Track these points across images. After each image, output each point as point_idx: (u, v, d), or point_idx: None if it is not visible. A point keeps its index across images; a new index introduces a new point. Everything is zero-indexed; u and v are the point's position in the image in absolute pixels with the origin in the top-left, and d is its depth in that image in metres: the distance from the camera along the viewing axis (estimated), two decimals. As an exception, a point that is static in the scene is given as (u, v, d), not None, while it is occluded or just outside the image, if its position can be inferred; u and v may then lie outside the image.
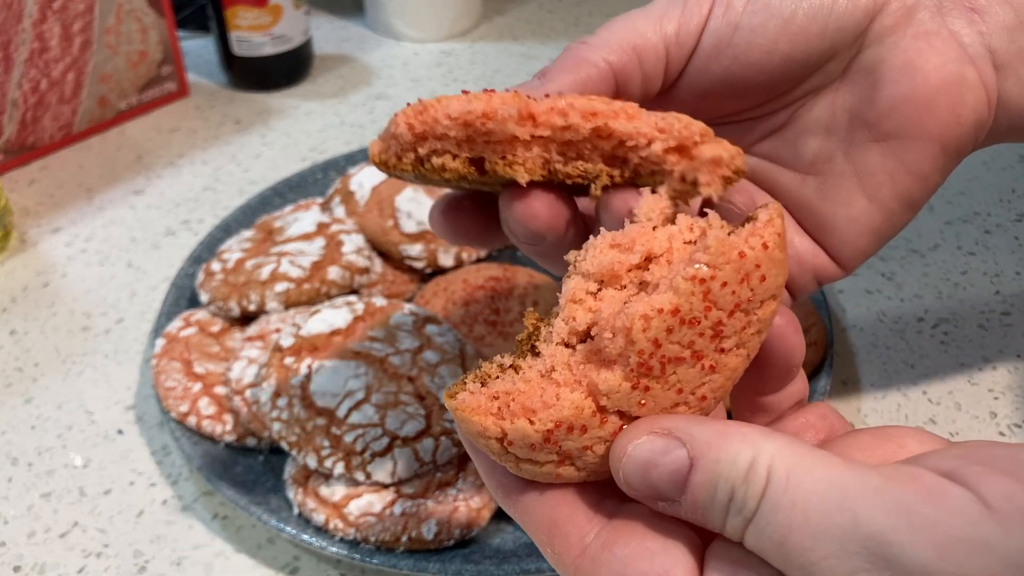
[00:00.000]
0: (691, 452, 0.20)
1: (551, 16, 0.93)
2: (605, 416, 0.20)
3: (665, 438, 0.20)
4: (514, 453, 0.21)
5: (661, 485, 0.20)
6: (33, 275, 0.61)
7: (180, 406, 0.47)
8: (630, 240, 0.22)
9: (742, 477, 0.19)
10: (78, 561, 0.44)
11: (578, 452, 0.21)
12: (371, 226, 0.56)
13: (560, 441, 0.20)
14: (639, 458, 0.20)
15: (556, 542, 0.21)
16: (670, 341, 0.20)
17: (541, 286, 0.54)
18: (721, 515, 0.20)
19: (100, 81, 0.72)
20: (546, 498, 0.22)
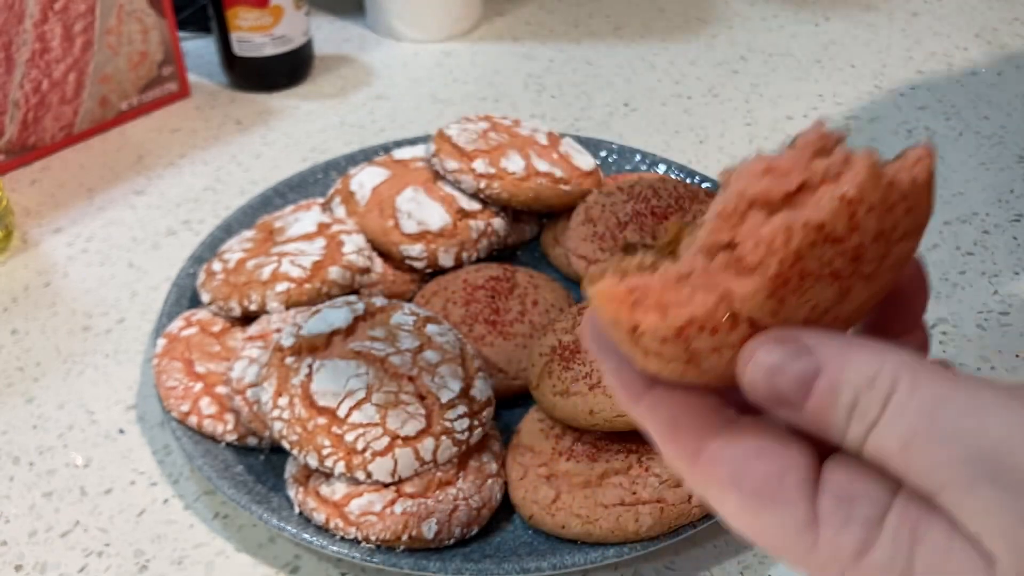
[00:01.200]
0: (819, 359, 0.20)
1: (551, 17, 0.93)
2: (736, 322, 0.21)
3: (794, 345, 0.20)
4: (643, 346, 0.21)
5: (786, 390, 0.20)
6: (34, 275, 0.61)
7: (181, 406, 0.47)
8: (787, 167, 0.21)
9: (868, 383, 0.19)
10: (79, 560, 0.44)
11: (705, 354, 0.21)
12: (371, 226, 0.56)
13: (690, 339, 0.21)
14: (767, 362, 0.20)
15: (675, 439, 0.22)
16: (811, 256, 0.20)
17: (541, 286, 0.54)
18: (844, 421, 0.20)
19: (101, 81, 0.73)
20: (669, 397, 0.22)
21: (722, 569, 0.43)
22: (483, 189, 0.56)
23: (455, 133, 0.59)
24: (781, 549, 0.21)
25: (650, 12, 0.93)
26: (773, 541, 0.21)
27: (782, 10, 0.93)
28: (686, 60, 0.85)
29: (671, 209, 0.55)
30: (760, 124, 0.75)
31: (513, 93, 0.80)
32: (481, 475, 0.44)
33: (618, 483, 0.42)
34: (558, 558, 0.41)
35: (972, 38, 0.87)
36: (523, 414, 0.48)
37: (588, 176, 0.60)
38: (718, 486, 0.21)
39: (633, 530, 0.41)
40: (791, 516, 0.20)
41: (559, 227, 0.59)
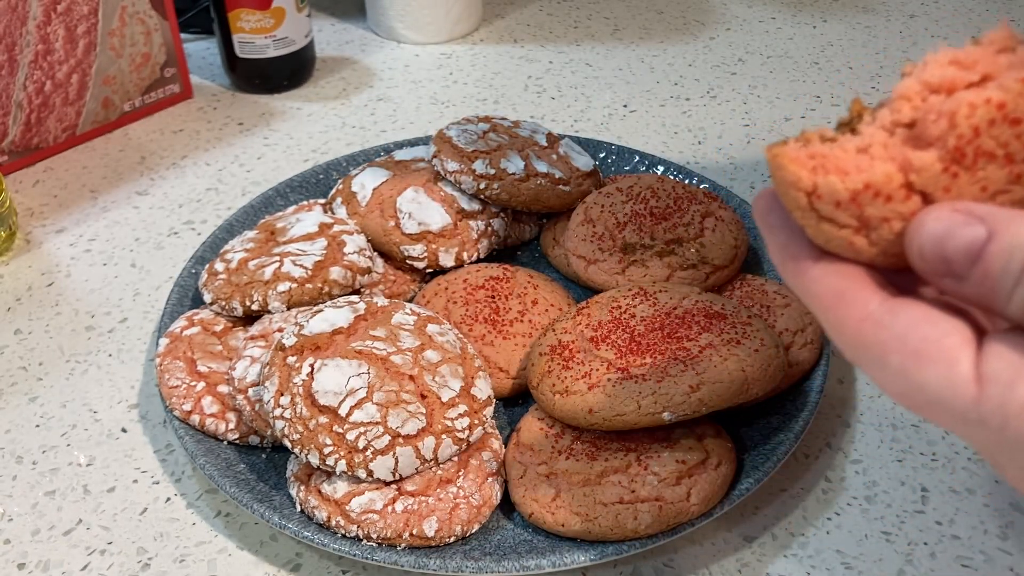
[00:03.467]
0: (991, 227, 0.21)
1: (551, 19, 0.93)
2: (910, 193, 0.22)
3: (966, 215, 0.21)
4: (818, 209, 0.22)
5: (955, 255, 0.21)
6: (37, 275, 0.62)
7: (183, 405, 0.47)
8: (972, 60, 0.22)
9: None
10: (82, 558, 0.44)
11: (877, 222, 0.22)
12: (373, 226, 0.57)
13: (864, 205, 0.22)
14: (938, 228, 0.21)
15: (840, 308, 0.23)
16: (989, 134, 0.21)
17: (541, 286, 0.54)
18: (1010, 285, 0.20)
19: (104, 83, 0.73)
20: (835, 268, 0.23)
21: (720, 567, 0.43)
22: (483, 190, 0.57)
23: (455, 134, 0.59)
24: (936, 405, 0.21)
25: (649, 14, 0.94)
26: (930, 397, 0.21)
27: (780, 12, 0.93)
28: (684, 62, 0.85)
29: (670, 210, 0.56)
30: (758, 125, 0.76)
31: (513, 94, 0.81)
32: (481, 473, 0.44)
33: (617, 481, 0.42)
34: (558, 556, 0.41)
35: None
36: (523, 413, 0.49)
37: (587, 177, 0.60)
38: (880, 349, 0.22)
39: (632, 528, 0.41)
40: (954, 372, 0.21)
41: (559, 227, 0.60)
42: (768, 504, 0.46)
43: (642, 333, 0.46)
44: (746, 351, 0.44)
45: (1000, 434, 0.21)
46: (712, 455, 0.43)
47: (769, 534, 0.45)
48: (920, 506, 0.46)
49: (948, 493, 0.46)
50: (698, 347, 0.44)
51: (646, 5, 0.96)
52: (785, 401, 0.48)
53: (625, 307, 0.48)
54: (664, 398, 0.42)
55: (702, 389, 0.42)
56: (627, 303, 0.48)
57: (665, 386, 0.42)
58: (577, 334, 0.48)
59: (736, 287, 0.54)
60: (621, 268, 0.54)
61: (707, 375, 0.43)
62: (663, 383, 0.42)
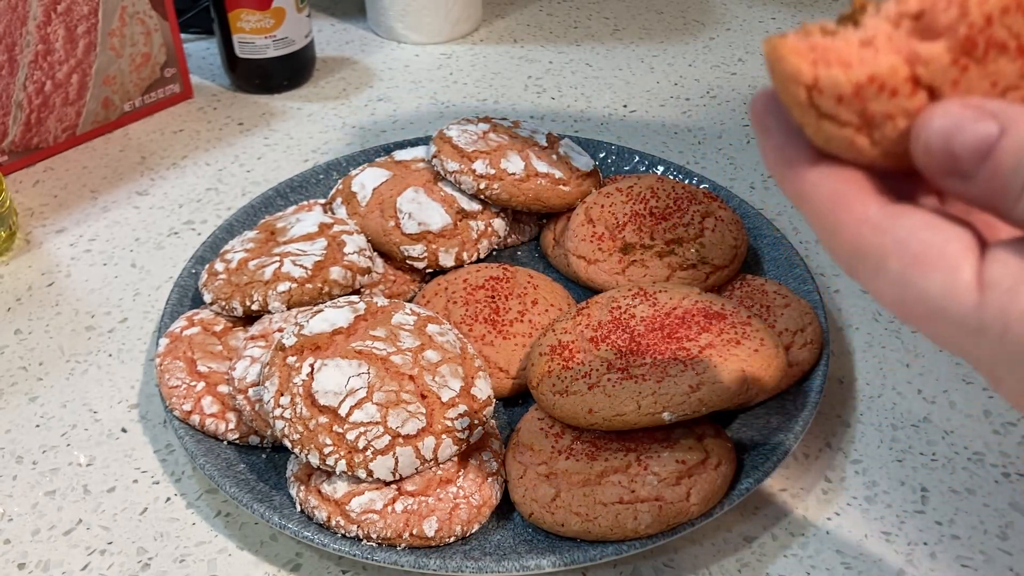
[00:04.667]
0: (1002, 124, 0.20)
1: (550, 19, 0.93)
2: (916, 87, 0.21)
3: (977, 110, 0.20)
4: (818, 105, 0.21)
5: (963, 151, 0.20)
6: (37, 275, 0.62)
7: (183, 405, 0.47)
8: None
9: None
10: (82, 558, 0.44)
11: (880, 119, 0.21)
12: (373, 226, 0.57)
13: (868, 100, 0.21)
14: (946, 123, 0.20)
15: (837, 211, 0.22)
16: (1002, 23, 0.20)
17: (541, 286, 0.54)
18: (1020, 185, 0.20)
19: (104, 83, 0.73)
20: (834, 171, 0.22)
21: (720, 567, 0.43)
22: (483, 190, 0.57)
23: (455, 134, 0.59)
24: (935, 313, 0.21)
25: (649, 14, 0.94)
26: (929, 304, 0.21)
27: (780, 12, 0.93)
28: (684, 62, 0.85)
29: (670, 209, 0.56)
30: (759, 126, 0.75)
31: (513, 94, 0.81)
32: (481, 473, 0.44)
33: (617, 481, 0.42)
34: (557, 556, 0.41)
35: None
36: (523, 413, 0.49)
37: (587, 177, 0.60)
38: (879, 253, 0.21)
39: (632, 528, 0.41)
40: (955, 278, 0.20)
41: (559, 227, 0.60)
42: (768, 504, 0.46)
43: (642, 333, 0.46)
44: (746, 351, 0.44)
45: (1000, 342, 0.20)
46: (712, 455, 0.43)
47: (769, 534, 0.45)
48: (920, 506, 0.46)
49: (948, 493, 0.46)
50: (698, 347, 0.44)
51: (646, 5, 0.96)
52: (785, 401, 0.48)
53: (625, 307, 0.48)
54: (664, 398, 0.42)
55: (702, 389, 0.42)
56: (627, 303, 0.48)
57: (665, 386, 0.42)
58: (577, 334, 0.48)
59: (736, 287, 0.54)
60: (621, 268, 0.54)
61: (707, 375, 0.43)
62: (663, 383, 0.42)
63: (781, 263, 0.56)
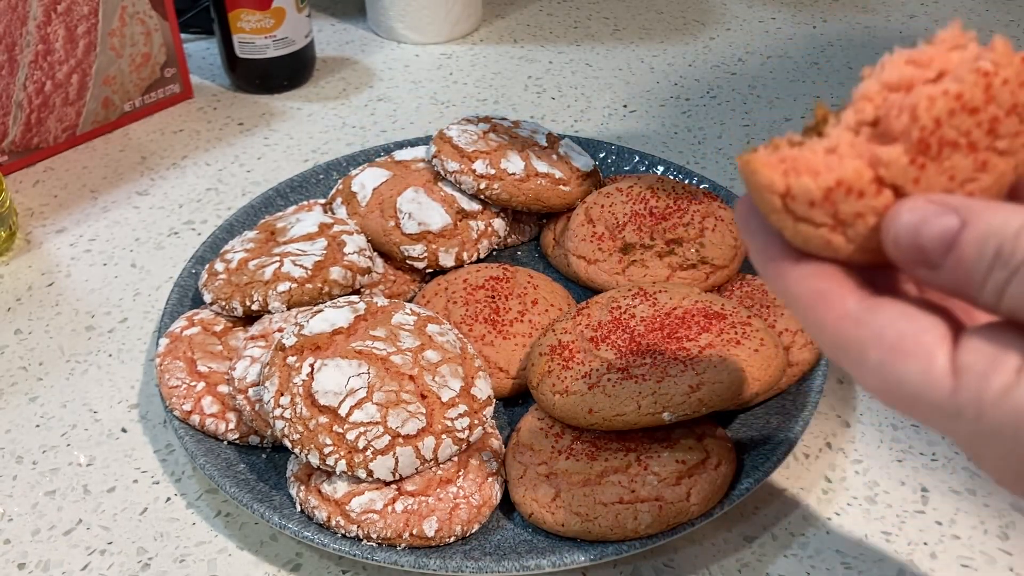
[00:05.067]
0: (963, 216, 0.21)
1: (550, 19, 0.93)
2: (881, 187, 0.22)
3: (939, 205, 0.22)
4: (793, 210, 0.23)
5: (929, 243, 0.22)
6: (38, 275, 0.62)
7: (183, 405, 0.47)
8: (927, 58, 0.23)
9: (1012, 234, 0.21)
10: (82, 558, 0.44)
11: (851, 218, 0.22)
12: (373, 226, 0.57)
13: (838, 202, 0.22)
14: (912, 218, 0.22)
15: (820, 307, 0.23)
16: (950, 124, 0.22)
17: (541, 286, 0.54)
18: (984, 271, 0.21)
19: (104, 83, 0.73)
20: (814, 268, 0.24)
21: (720, 567, 0.43)
22: (483, 190, 0.57)
23: (455, 134, 0.59)
24: (914, 399, 0.22)
25: (648, 14, 0.94)
26: (908, 391, 0.22)
27: (780, 12, 0.94)
28: (684, 62, 0.85)
29: (670, 209, 0.56)
30: (758, 125, 0.76)
31: (513, 94, 0.81)
32: (481, 473, 0.44)
33: (617, 481, 0.42)
34: (558, 556, 0.41)
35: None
36: (523, 413, 0.49)
37: (587, 177, 0.60)
38: (859, 346, 0.22)
39: (632, 528, 0.41)
40: (931, 365, 0.21)
41: (559, 227, 0.60)
42: (768, 504, 0.46)
43: (642, 333, 0.46)
44: (746, 351, 0.44)
45: (976, 424, 0.21)
46: (712, 455, 0.43)
47: (769, 534, 0.45)
48: (920, 506, 0.46)
49: (948, 493, 0.46)
50: (698, 347, 0.44)
51: (646, 5, 0.96)
52: (785, 401, 0.48)
53: (625, 307, 0.48)
54: (664, 398, 0.42)
55: (702, 389, 0.42)
56: (627, 303, 0.48)
57: (665, 386, 0.42)
58: (577, 334, 0.48)
59: (736, 287, 0.54)
60: (621, 268, 0.54)
61: (707, 375, 0.43)
62: (663, 383, 0.42)
63: (781, 263, 0.56)
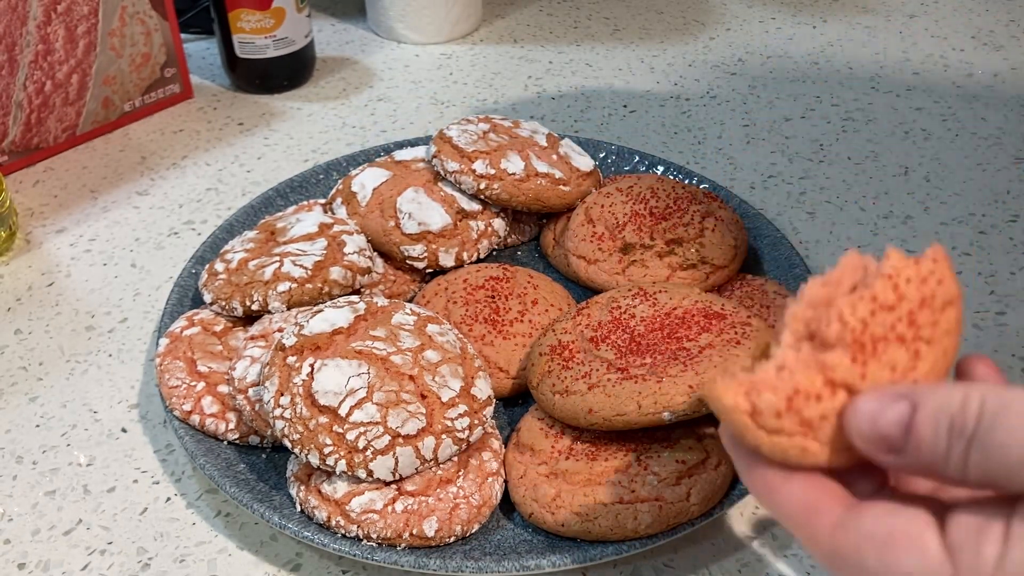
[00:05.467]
0: (912, 400, 0.24)
1: (550, 19, 0.93)
2: (835, 389, 0.25)
3: (890, 394, 0.24)
4: (764, 425, 0.25)
5: (888, 429, 0.24)
6: (38, 275, 0.62)
7: (183, 405, 0.47)
8: (837, 277, 0.27)
9: (959, 406, 0.23)
10: (82, 558, 0.44)
11: (817, 422, 0.25)
12: (373, 227, 0.57)
13: (801, 409, 0.24)
14: (869, 409, 0.24)
15: (811, 520, 0.25)
16: (875, 323, 0.25)
17: (541, 286, 0.54)
18: (944, 446, 0.23)
19: (104, 83, 0.73)
20: (801, 483, 0.25)
21: (720, 567, 0.43)
22: (483, 190, 0.57)
23: (455, 134, 0.59)
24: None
25: (649, 14, 0.94)
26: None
27: (780, 12, 0.94)
28: (684, 62, 0.85)
29: (670, 210, 0.56)
30: (758, 125, 0.76)
31: (513, 95, 0.81)
32: (481, 473, 0.44)
33: (617, 481, 0.42)
34: (558, 556, 0.41)
35: (968, 40, 0.87)
36: (523, 413, 0.49)
37: (587, 177, 0.60)
38: (855, 552, 0.24)
39: (632, 528, 0.41)
40: (925, 553, 0.23)
41: (559, 227, 0.60)
42: (768, 504, 0.46)
43: (642, 333, 0.46)
44: (746, 351, 0.44)
45: None
46: (712, 455, 0.43)
47: (769, 534, 0.45)
48: (920, 506, 0.46)
49: (948, 493, 0.46)
50: (698, 347, 0.44)
51: (646, 5, 0.96)
52: (785, 401, 0.48)
53: (625, 307, 0.48)
54: (664, 398, 0.42)
55: (702, 389, 0.42)
56: (627, 303, 0.48)
57: (665, 386, 0.42)
58: (577, 334, 0.48)
59: (736, 287, 0.54)
60: (621, 268, 0.54)
61: (707, 375, 0.43)
62: (663, 383, 0.42)
63: (781, 263, 0.56)
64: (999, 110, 0.76)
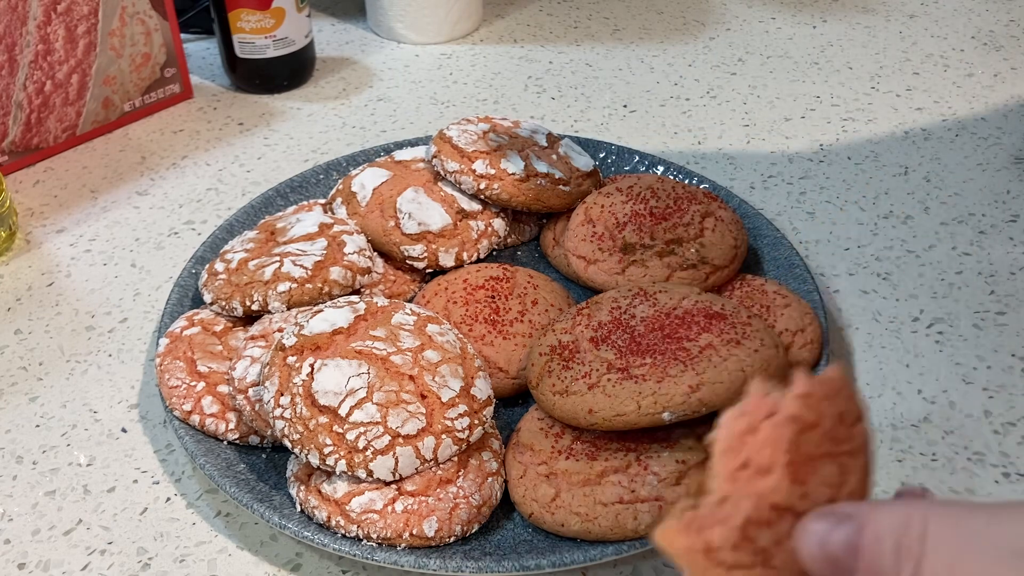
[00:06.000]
0: (858, 521, 0.24)
1: (550, 19, 0.93)
2: (782, 513, 0.25)
3: (834, 516, 0.24)
4: (722, 561, 0.25)
5: (838, 551, 0.24)
6: (38, 275, 0.62)
7: (183, 405, 0.47)
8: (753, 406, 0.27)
9: (903, 527, 0.23)
10: (82, 558, 0.44)
11: (772, 548, 0.25)
12: (373, 227, 0.57)
13: (754, 537, 0.25)
14: (816, 530, 0.24)
15: None
16: (802, 442, 0.25)
17: (541, 286, 0.54)
18: (891, 566, 0.23)
19: (104, 83, 0.73)
20: None
21: (720, 566, 0.43)
22: (483, 190, 0.57)
23: (455, 134, 0.59)
24: None
25: (649, 14, 0.94)
26: None
27: (780, 12, 0.94)
28: (684, 62, 0.85)
29: (670, 210, 0.56)
30: (758, 125, 0.76)
31: (513, 95, 0.81)
32: (481, 473, 0.44)
33: (617, 481, 0.42)
34: (557, 556, 0.41)
35: (968, 40, 0.87)
36: (523, 413, 0.49)
37: (587, 177, 0.60)
38: None
39: (632, 528, 0.41)
40: None
41: (559, 227, 0.60)
42: (768, 504, 0.46)
43: (642, 333, 0.46)
44: (746, 351, 0.44)
45: None
46: (712, 455, 0.43)
47: (769, 534, 0.45)
48: (920, 506, 0.46)
49: (948, 493, 0.46)
50: (698, 347, 0.44)
51: (646, 5, 0.96)
52: (785, 401, 0.48)
53: (625, 307, 0.48)
54: (664, 398, 0.42)
55: (702, 389, 0.42)
56: (627, 303, 0.48)
57: (665, 386, 0.42)
58: (577, 334, 0.48)
59: (736, 287, 0.54)
60: (621, 268, 0.54)
61: (707, 375, 0.43)
62: (663, 383, 0.42)
63: (781, 263, 0.56)
64: (999, 110, 0.76)
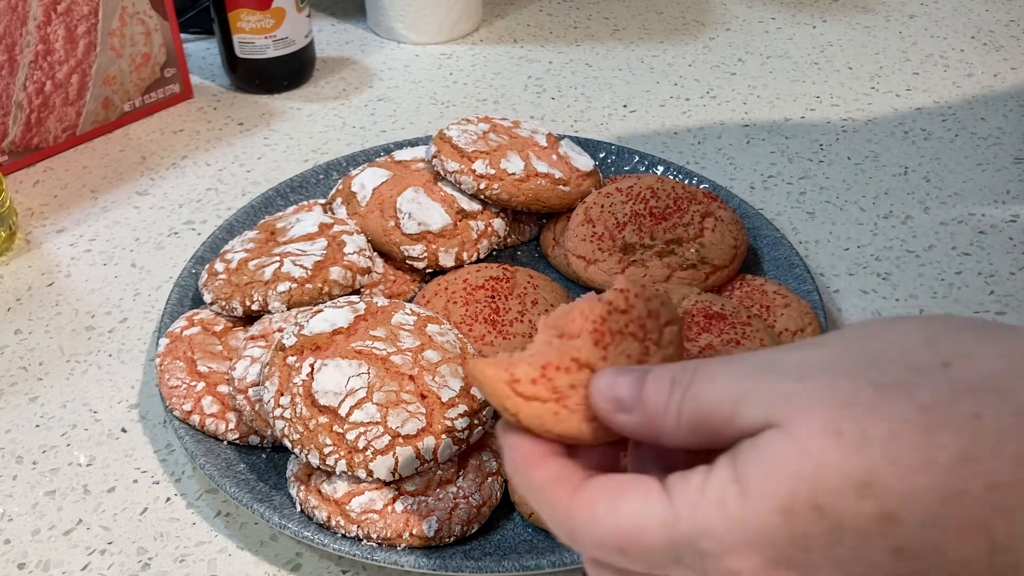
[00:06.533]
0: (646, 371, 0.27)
1: (550, 19, 0.93)
2: (580, 366, 0.28)
3: (624, 368, 0.28)
4: (521, 392, 0.28)
5: (623, 392, 0.27)
6: (37, 275, 0.62)
7: (183, 405, 0.47)
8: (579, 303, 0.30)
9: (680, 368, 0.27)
10: (82, 558, 0.44)
11: (567, 390, 0.28)
12: (373, 227, 0.57)
13: (552, 378, 0.28)
14: (607, 375, 0.28)
15: (558, 492, 0.28)
16: (611, 321, 0.29)
17: (541, 286, 0.54)
18: (665, 397, 0.26)
19: (104, 83, 0.73)
20: (556, 463, 0.28)
21: (720, 566, 0.43)
22: (483, 190, 0.57)
23: (455, 134, 0.59)
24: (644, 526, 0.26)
25: (648, 15, 0.94)
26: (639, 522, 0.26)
27: (779, 12, 0.94)
28: (684, 62, 0.85)
29: (670, 210, 0.56)
30: (757, 125, 0.76)
31: (513, 95, 0.81)
32: (481, 473, 0.44)
33: (616, 481, 0.42)
34: (557, 555, 0.41)
35: (968, 40, 0.87)
36: (523, 413, 0.48)
37: (587, 177, 0.60)
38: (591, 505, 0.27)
39: (631, 527, 0.41)
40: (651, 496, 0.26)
41: (558, 227, 0.60)
42: (768, 504, 0.46)
43: (642, 333, 0.46)
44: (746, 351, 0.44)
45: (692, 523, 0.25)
46: (712, 455, 0.43)
47: (769, 534, 0.44)
48: (920, 506, 0.45)
49: (948, 493, 0.46)
50: (698, 347, 0.44)
51: (646, 5, 0.96)
52: (785, 401, 0.48)
53: (625, 307, 0.48)
54: (664, 398, 0.42)
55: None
56: (627, 303, 0.48)
57: (665, 386, 0.42)
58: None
59: (736, 287, 0.54)
60: (621, 268, 0.54)
61: None
62: (663, 383, 0.42)
63: (781, 263, 0.56)
64: (999, 110, 0.76)
